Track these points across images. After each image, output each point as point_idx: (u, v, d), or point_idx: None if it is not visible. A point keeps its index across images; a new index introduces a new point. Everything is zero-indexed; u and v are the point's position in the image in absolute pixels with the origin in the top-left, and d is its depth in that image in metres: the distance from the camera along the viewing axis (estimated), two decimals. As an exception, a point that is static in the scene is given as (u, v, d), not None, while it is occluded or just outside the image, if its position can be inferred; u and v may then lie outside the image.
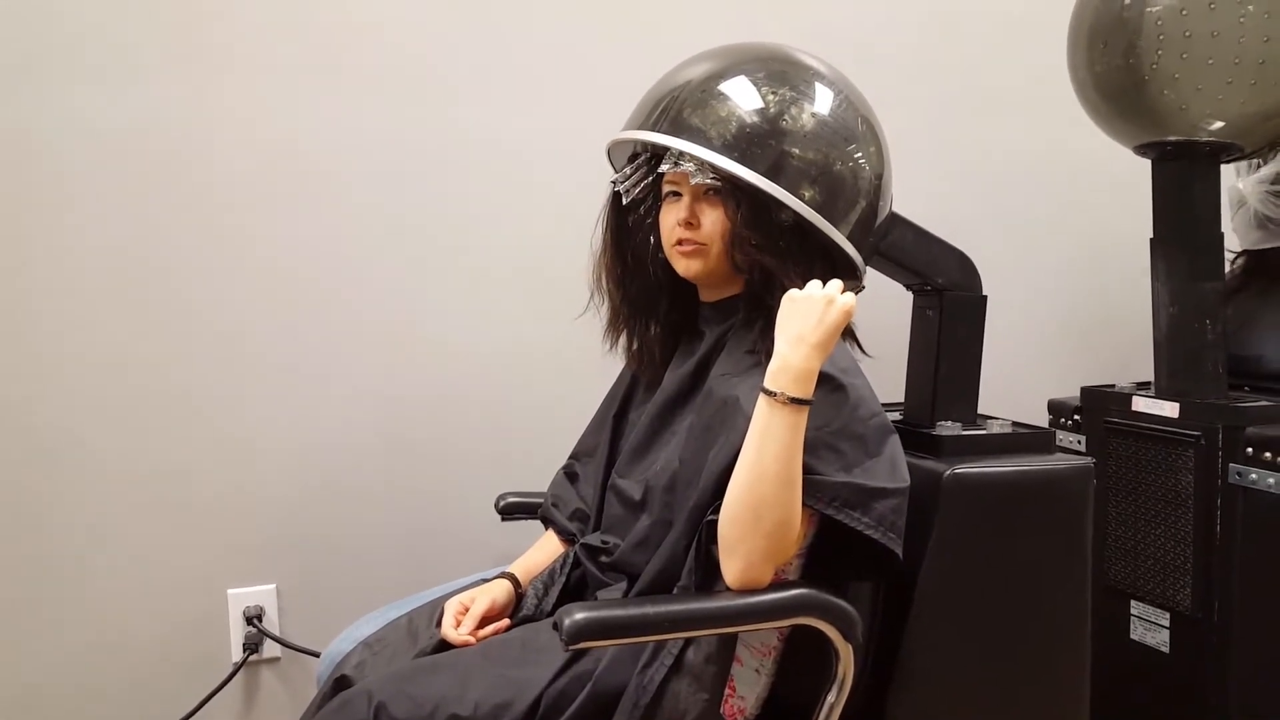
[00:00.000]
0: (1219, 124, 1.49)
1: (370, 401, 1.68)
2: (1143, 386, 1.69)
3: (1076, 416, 1.74)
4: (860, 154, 1.19)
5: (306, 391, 1.65)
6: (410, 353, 1.69)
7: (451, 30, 1.67)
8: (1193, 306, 1.57)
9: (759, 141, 1.13)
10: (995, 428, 1.32)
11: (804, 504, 1.02)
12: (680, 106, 1.15)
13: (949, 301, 1.33)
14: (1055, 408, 1.80)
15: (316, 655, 1.57)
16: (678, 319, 1.28)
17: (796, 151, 1.14)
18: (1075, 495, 1.23)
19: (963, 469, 1.17)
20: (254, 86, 1.59)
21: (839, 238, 1.16)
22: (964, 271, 1.35)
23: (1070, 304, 2.07)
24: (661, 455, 1.19)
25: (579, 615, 0.95)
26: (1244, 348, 1.67)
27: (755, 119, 1.14)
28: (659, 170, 1.18)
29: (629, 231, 1.27)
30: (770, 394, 1.01)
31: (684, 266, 1.20)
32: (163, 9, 1.53)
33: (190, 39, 1.55)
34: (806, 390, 1.01)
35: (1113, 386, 1.71)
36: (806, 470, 1.02)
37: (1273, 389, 1.61)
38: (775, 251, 1.13)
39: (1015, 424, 1.34)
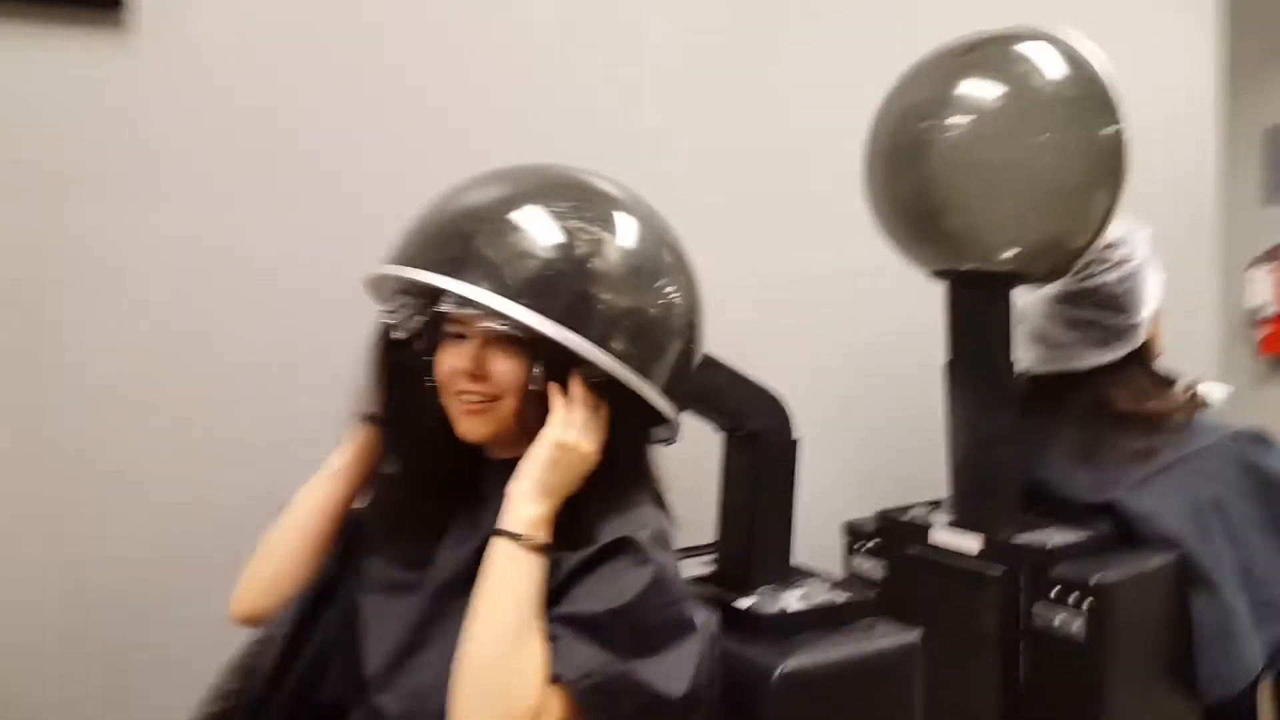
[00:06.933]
0: (1012, 251, 1.47)
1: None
2: (936, 506, 1.64)
3: (877, 539, 1.66)
4: (671, 289, 1.04)
5: None
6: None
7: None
8: (986, 434, 1.53)
9: (560, 284, 0.95)
10: (813, 588, 1.20)
11: (555, 675, 0.88)
12: (465, 240, 0.95)
13: (763, 448, 1.21)
14: (852, 530, 1.72)
15: None
16: (457, 480, 1.07)
17: (605, 296, 0.97)
18: (903, 675, 1.13)
19: (791, 666, 1.03)
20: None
21: (654, 396, 1.00)
22: (776, 414, 1.23)
23: (862, 419, 2.00)
24: (436, 658, 0.96)
25: None
26: (1034, 471, 1.66)
27: (554, 256, 0.96)
28: (438, 310, 0.97)
29: (402, 373, 1.04)
30: (514, 537, 0.91)
31: (466, 428, 0.99)
32: None
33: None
34: (545, 534, 0.93)
35: (909, 509, 1.65)
36: (575, 640, 0.89)
37: (1062, 512, 1.59)
38: (577, 410, 0.95)
39: (832, 583, 1.22)
